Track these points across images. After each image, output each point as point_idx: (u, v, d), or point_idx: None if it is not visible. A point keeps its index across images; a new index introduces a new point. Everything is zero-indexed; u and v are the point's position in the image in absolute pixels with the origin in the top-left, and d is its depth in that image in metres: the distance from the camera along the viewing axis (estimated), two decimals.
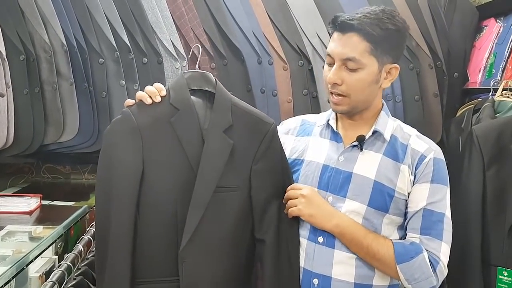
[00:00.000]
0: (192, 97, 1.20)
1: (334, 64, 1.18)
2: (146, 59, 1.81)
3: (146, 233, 1.15)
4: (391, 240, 1.19)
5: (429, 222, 1.18)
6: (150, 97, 1.17)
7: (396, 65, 1.22)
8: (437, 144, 1.87)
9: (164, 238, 1.16)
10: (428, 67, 1.90)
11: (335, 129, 1.27)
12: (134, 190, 1.13)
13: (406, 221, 1.22)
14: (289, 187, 1.23)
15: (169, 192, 1.15)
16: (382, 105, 1.29)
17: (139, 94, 1.19)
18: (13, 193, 1.86)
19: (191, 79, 1.22)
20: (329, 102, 1.26)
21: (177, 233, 1.14)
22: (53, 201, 1.83)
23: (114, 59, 1.78)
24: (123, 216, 1.12)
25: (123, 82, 1.79)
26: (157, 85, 1.20)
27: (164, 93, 1.18)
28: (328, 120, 1.29)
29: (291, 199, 1.22)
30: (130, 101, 1.20)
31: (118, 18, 1.78)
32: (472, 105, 1.83)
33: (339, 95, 1.19)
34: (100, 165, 1.16)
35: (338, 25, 1.17)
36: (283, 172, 1.25)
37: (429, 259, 1.15)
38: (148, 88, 1.19)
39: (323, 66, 1.27)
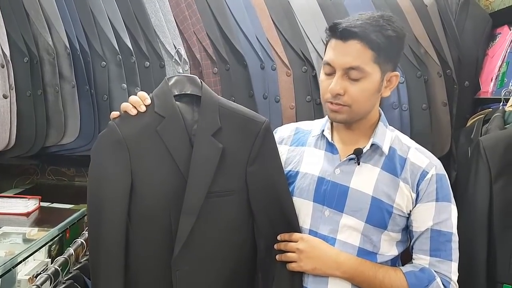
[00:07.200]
0: (178, 102, 1.17)
1: (333, 73, 1.13)
2: (148, 63, 1.80)
3: (140, 244, 1.14)
4: (401, 270, 1.14)
5: (437, 243, 1.14)
6: (135, 107, 1.15)
7: (397, 73, 1.17)
8: (446, 155, 1.86)
9: (159, 248, 1.14)
10: (436, 75, 1.84)
11: (330, 140, 1.22)
12: (123, 202, 1.11)
13: (412, 241, 1.17)
14: (282, 238, 1.18)
15: (161, 202, 1.13)
16: (380, 114, 1.23)
17: (124, 105, 1.17)
18: (15, 194, 1.87)
19: (176, 84, 1.19)
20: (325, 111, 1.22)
21: (173, 242, 1.12)
22: (54, 203, 1.83)
23: (116, 62, 1.78)
24: (113, 229, 1.11)
25: (125, 85, 1.78)
26: (141, 94, 1.18)
27: (148, 101, 1.16)
28: (323, 130, 1.24)
29: (288, 251, 1.16)
30: (115, 113, 1.18)
31: (121, 22, 1.78)
32: (482, 115, 1.77)
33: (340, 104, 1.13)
34: (90, 179, 1.15)
35: (340, 33, 1.10)
36: (280, 172, 1.21)
37: (442, 283, 1.12)
38: (132, 98, 1.17)
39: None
